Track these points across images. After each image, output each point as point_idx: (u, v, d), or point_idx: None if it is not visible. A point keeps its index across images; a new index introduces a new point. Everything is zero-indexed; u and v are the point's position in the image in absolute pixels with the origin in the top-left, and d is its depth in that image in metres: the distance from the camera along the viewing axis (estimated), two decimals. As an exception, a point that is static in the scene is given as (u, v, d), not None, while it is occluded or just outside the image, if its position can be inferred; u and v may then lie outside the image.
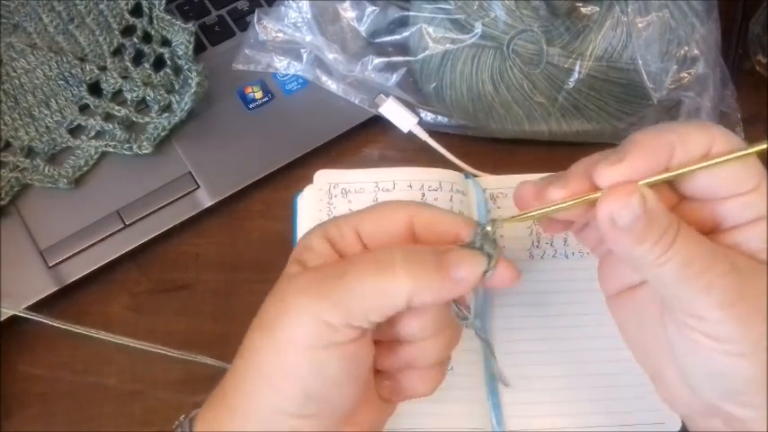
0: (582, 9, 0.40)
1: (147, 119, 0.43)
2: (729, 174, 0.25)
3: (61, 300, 0.40)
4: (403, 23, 0.43)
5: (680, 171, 0.25)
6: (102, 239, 0.41)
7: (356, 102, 0.44)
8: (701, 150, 0.25)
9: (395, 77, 0.43)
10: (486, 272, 0.26)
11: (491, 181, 0.42)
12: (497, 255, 0.26)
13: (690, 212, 0.26)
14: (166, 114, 0.43)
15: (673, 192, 0.27)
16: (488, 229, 0.27)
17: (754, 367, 0.24)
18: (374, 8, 0.43)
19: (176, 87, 0.44)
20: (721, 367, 0.25)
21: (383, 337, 0.29)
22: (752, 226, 0.25)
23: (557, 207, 0.26)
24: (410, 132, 0.44)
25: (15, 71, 0.44)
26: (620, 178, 0.24)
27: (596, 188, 0.25)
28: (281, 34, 0.45)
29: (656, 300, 0.27)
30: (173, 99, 0.43)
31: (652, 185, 0.25)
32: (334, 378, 0.26)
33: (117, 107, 0.43)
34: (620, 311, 0.29)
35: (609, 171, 0.25)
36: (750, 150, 0.24)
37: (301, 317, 0.25)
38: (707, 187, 0.26)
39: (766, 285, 0.24)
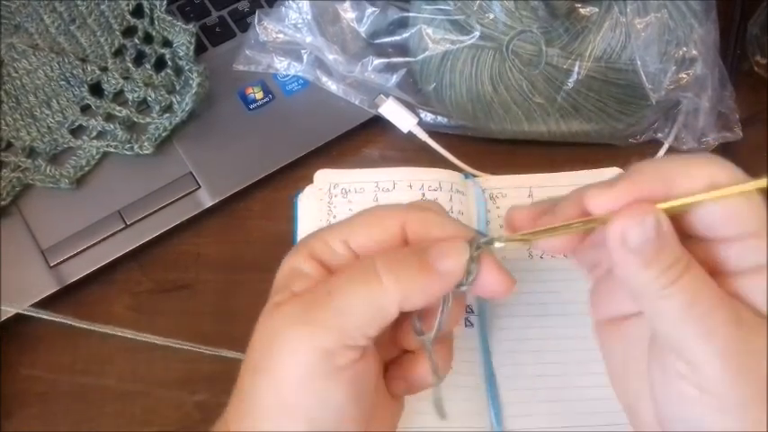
0: (581, 10, 0.40)
1: (148, 119, 0.43)
2: (731, 211, 0.24)
3: (62, 299, 0.40)
4: (403, 24, 0.43)
5: (681, 201, 0.24)
6: (104, 239, 0.41)
7: (356, 102, 0.44)
8: (702, 183, 0.23)
9: (395, 78, 0.43)
10: (470, 262, 0.25)
11: (491, 181, 0.42)
12: (482, 247, 0.25)
13: (693, 252, 0.24)
14: (167, 115, 0.43)
15: (677, 228, 0.25)
16: (483, 243, 0.26)
17: (741, 425, 0.23)
18: (374, 9, 0.43)
19: (177, 88, 0.44)
20: (704, 421, 0.23)
21: (386, 337, 0.28)
22: (755, 275, 0.24)
23: (549, 229, 0.25)
24: (410, 132, 0.44)
25: (17, 72, 0.44)
26: (611, 204, 0.24)
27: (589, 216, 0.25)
28: (281, 35, 0.45)
29: (646, 337, 0.26)
30: (174, 99, 0.43)
31: None
32: (340, 405, 0.25)
33: (118, 108, 0.43)
34: (606, 339, 0.28)
35: (599, 196, 0.24)
36: (755, 184, 0.23)
37: (295, 349, 0.24)
38: (708, 224, 0.24)
39: (767, 343, 0.23)
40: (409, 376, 0.28)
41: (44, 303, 0.39)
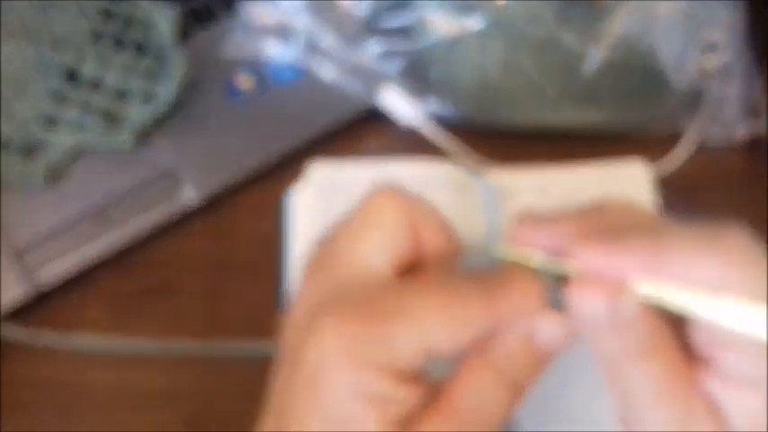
0: (598, -10, 0.39)
1: (128, 109, 0.42)
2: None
3: (38, 304, 0.39)
4: (405, 6, 0.42)
5: (668, 303, 0.21)
6: (82, 240, 0.40)
7: (354, 91, 0.43)
8: (708, 279, 0.21)
9: (396, 64, 0.42)
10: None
11: (500, 176, 0.41)
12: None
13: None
14: (149, 105, 0.42)
15: None
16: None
17: None
18: (373, -11, 0.42)
19: (159, 76, 0.42)
20: None
21: None
22: (739, 390, 0.22)
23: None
24: (412, 124, 0.43)
25: (-12, 60, 0.42)
26: (587, 260, 0.22)
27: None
28: (272, 19, 0.44)
29: None
30: (156, 88, 0.42)
31: None
32: None
33: (96, 97, 0.42)
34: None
35: (590, 254, 0.22)
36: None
37: None
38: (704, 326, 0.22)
39: None
40: None
41: (20, 310, 0.38)
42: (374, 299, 0.23)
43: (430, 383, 0.23)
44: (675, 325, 0.22)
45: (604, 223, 0.23)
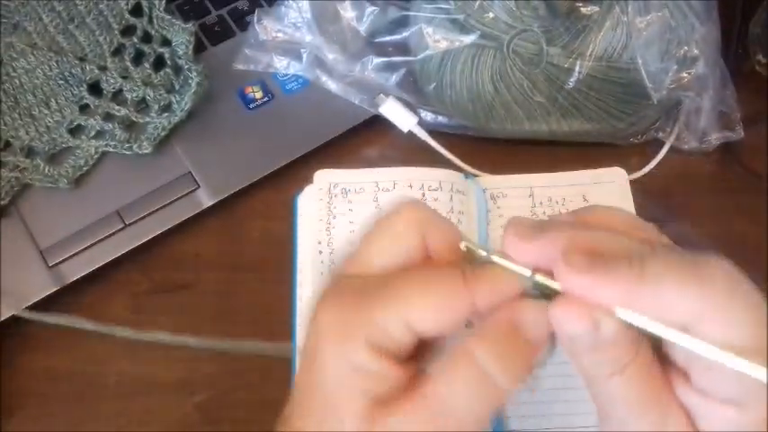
0: (582, 9, 0.40)
1: (147, 119, 0.43)
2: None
3: (61, 300, 0.40)
4: (403, 23, 0.43)
5: (645, 327, 0.21)
6: (102, 239, 0.41)
7: (356, 102, 0.44)
8: (687, 311, 0.20)
9: (395, 77, 0.43)
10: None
11: (491, 181, 0.42)
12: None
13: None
14: (166, 114, 0.43)
15: None
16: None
17: None
18: (374, 8, 0.43)
19: (176, 87, 0.43)
20: None
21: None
22: (717, 404, 0.22)
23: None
24: (410, 132, 0.44)
25: (15, 71, 0.43)
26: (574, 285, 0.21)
27: None
28: (280, 34, 0.45)
29: None
30: (173, 99, 0.43)
31: None
32: None
33: (117, 107, 0.43)
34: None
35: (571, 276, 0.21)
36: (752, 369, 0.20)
37: None
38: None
39: None
40: None
41: (43, 304, 0.39)
42: (366, 285, 0.23)
43: (417, 372, 0.23)
44: (655, 340, 0.23)
45: (591, 240, 0.23)
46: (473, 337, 0.22)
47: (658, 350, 0.23)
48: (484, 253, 0.24)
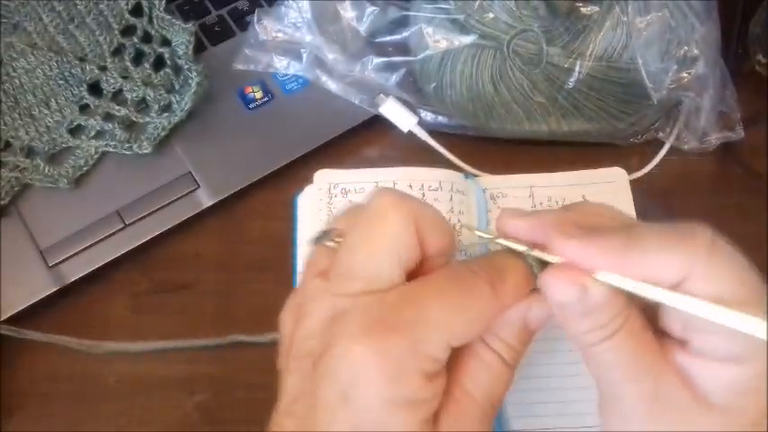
0: (582, 9, 0.40)
1: (147, 119, 0.43)
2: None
3: (61, 300, 0.40)
4: (403, 23, 0.43)
5: (634, 289, 0.22)
6: (102, 239, 0.41)
7: (356, 102, 0.44)
8: (675, 271, 0.22)
9: (395, 77, 0.43)
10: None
11: (491, 181, 0.42)
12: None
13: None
14: (166, 114, 0.43)
15: None
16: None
17: None
18: (374, 8, 0.43)
19: (176, 87, 0.43)
20: None
21: None
22: (719, 365, 0.22)
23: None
24: (410, 132, 0.44)
25: (15, 71, 0.44)
26: (570, 254, 0.23)
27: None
28: (280, 34, 0.45)
29: None
30: (173, 99, 0.43)
31: None
32: None
33: (117, 107, 0.43)
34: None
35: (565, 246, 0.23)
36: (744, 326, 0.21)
37: None
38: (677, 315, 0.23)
39: None
40: None
41: (42, 304, 0.39)
42: (394, 310, 0.23)
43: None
44: (647, 308, 0.24)
45: (582, 220, 0.24)
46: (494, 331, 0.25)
47: (654, 323, 0.24)
48: (483, 234, 0.26)
